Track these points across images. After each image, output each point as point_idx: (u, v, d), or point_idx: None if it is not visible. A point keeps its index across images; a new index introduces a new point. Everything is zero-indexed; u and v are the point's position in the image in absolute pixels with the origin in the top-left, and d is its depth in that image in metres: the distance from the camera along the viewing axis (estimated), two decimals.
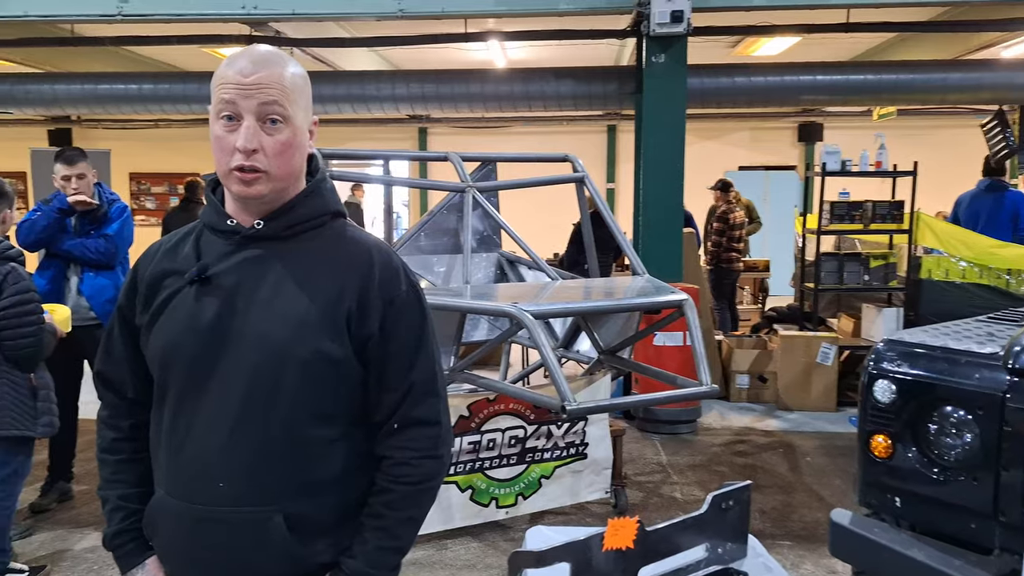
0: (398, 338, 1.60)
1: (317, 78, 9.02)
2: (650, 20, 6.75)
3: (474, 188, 4.75)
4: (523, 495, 4.62)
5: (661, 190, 7.16)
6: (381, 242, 1.68)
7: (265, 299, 1.55)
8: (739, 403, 7.59)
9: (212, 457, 1.55)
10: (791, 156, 16.07)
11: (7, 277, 3.71)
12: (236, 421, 1.53)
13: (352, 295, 1.56)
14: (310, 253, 1.60)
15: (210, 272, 1.57)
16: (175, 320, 1.59)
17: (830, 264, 7.66)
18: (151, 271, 1.66)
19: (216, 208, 1.63)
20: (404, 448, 1.61)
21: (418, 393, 1.61)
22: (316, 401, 1.55)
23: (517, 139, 15.70)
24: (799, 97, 9.02)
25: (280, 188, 1.57)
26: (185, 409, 1.58)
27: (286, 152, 1.54)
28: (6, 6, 7.31)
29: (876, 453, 2.83)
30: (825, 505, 5.07)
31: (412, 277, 1.66)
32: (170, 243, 1.69)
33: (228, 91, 1.51)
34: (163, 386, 1.62)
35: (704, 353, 3.89)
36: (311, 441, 1.56)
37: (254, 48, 1.58)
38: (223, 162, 1.53)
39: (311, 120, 1.63)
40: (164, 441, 1.61)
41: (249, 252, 1.59)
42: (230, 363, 1.54)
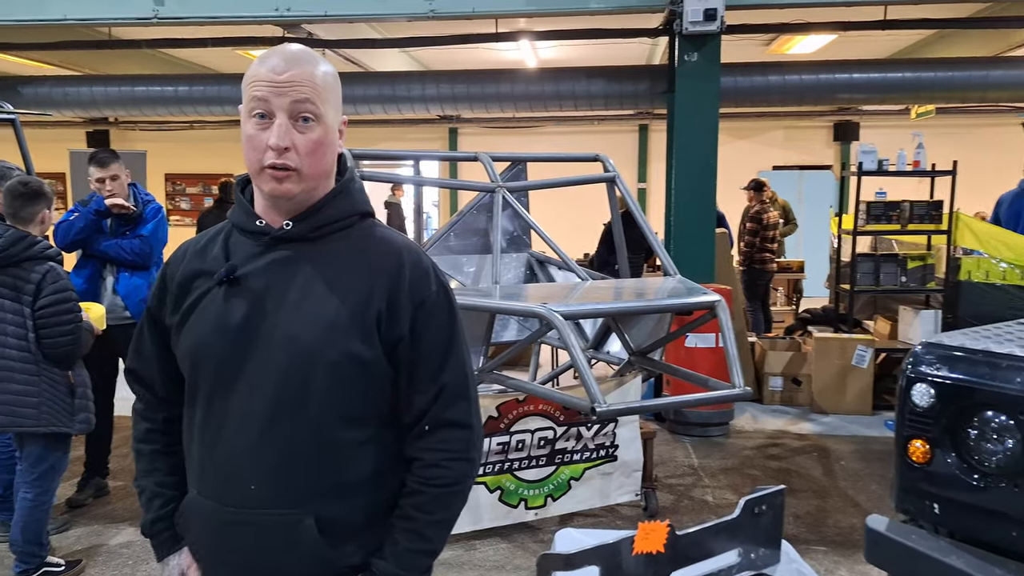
0: (428, 339, 1.58)
1: (348, 79, 9.07)
2: (683, 18, 6.70)
3: (504, 188, 4.73)
4: (552, 496, 4.59)
5: (693, 190, 7.10)
6: (411, 242, 1.66)
7: (294, 301, 1.54)
8: (772, 406, 7.49)
9: (242, 459, 1.55)
10: (826, 156, 15.88)
11: (46, 276, 3.79)
12: (265, 423, 1.53)
13: (382, 296, 1.55)
14: (339, 254, 1.59)
15: (239, 273, 1.57)
16: (204, 321, 1.59)
17: (866, 265, 7.54)
18: (181, 272, 1.66)
19: (245, 209, 1.62)
20: (435, 450, 1.59)
21: (449, 395, 1.60)
22: (345, 403, 1.54)
23: (548, 139, 15.67)
24: (834, 96, 8.90)
25: (311, 187, 1.56)
26: (215, 410, 1.58)
27: (318, 150, 1.54)
28: (46, 10, 7.44)
29: (914, 458, 2.76)
30: (860, 510, 4.99)
31: (442, 278, 1.64)
32: (199, 244, 1.68)
33: (260, 89, 1.51)
34: (194, 386, 1.62)
35: (737, 355, 3.84)
36: (341, 443, 1.55)
37: (286, 47, 1.57)
38: (255, 160, 1.53)
39: (341, 119, 1.62)
40: (197, 440, 1.62)
41: (278, 253, 1.58)
42: (259, 365, 1.53)
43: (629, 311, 4.22)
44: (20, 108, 8.87)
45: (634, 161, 16.13)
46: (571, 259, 4.91)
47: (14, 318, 3.80)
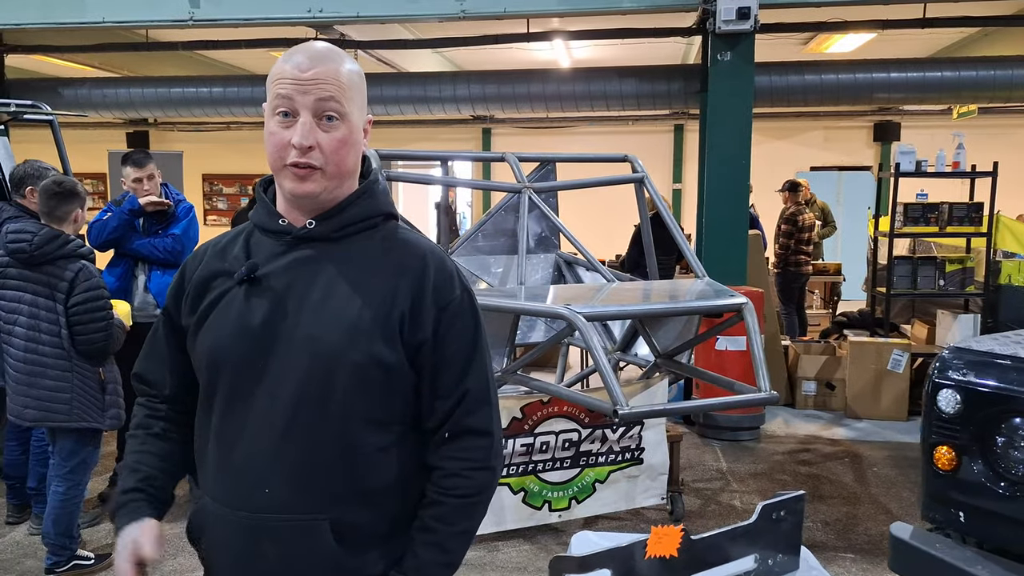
0: (451, 344, 1.56)
1: (380, 80, 9.14)
2: (716, 17, 6.64)
3: (530, 189, 4.72)
4: (576, 499, 4.57)
5: (726, 191, 7.02)
6: (435, 245, 1.64)
7: (316, 301, 1.52)
8: (805, 410, 7.39)
9: (261, 463, 1.51)
10: (866, 156, 15.62)
11: (78, 274, 3.88)
12: (286, 426, 1.50)
13: (405, 299, 1.53)
14: (362, 255, 1.56)
15: (260, 272, 1.55)
16: (224, 321, 1.56)
17: (903, 268, 7.41)
18: (200, 272, 1.63)
19: (267, 208, 1.60)
20: (456, 459, 1.56)
21: (471, 401, 1.57)
22: (368, 406, 1.51)
23: (581, 139, 15.60)
24: (872, 96, 8.76)
25: (334, 187, 1.54)
26: (234, 413, 1.54)
27: (342, 150, 1.52)
28: (85, 12, 7.58)
29: (940, 465, 2.70)
30: (892, 518, 4.89)
31: (466, 282, 1.62)
32: (220, 244, 1.66)
33: (285, 86, 1.49)
34: (211, 389, 1.58)
35: (763, 358, 3.79)
36: (363, 447, 1.52)
37: (311, 44, 1.55)
38: (277, 158, 1.51)
39: (366, 118, 1.60)
40: (212, 445, 1.58)
41: (300, 253, 1.55)
42: (280, 366, 1.51)
43: (654, 313, 4.18)
44: (60, 109, 9.05)
45: (669, 161, 16.00)
46: (597, 260, 4.87)
47: (47, 315, 3.90)
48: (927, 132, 13.69)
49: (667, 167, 15.94)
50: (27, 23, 7.85)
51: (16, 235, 3.91)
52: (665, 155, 15.93)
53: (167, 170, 8.51)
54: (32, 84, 9.53)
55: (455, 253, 5.41)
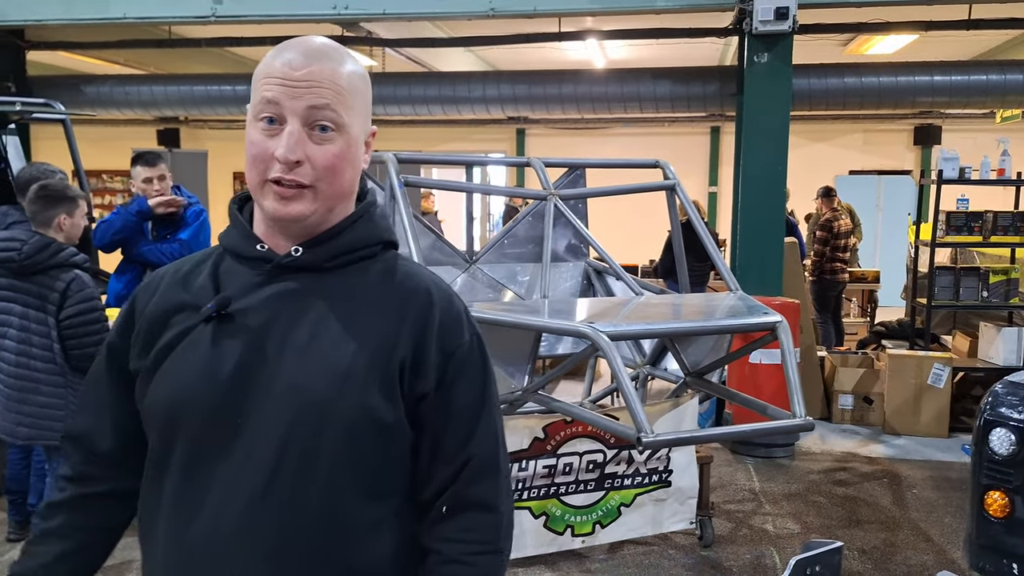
0: (457, 399, 1.32)
1: (409, 79, 8.98)
2: (752, 17, 6.42)
3: (556, 196, 4.53)
4: (601, 523, 4.37)
5: (761, 197, 6.80)
6: (439, 280, 1.40)
7: (302, 343, 1.27)
8: (842, 425, 7.12)
9: (228, 543, 1.25)
10: (907, 160, 15.25)
11: (71, 285, 3.68)
12: (260, 495, 1.24)
13: (407, 343, 1.29)
14: (357, 290, 1.32)
15: (233, 307, 1.29)
16: (187, 366, 1.29)
17: (945, 279, 7.12)
18: (156, 304, 1.35)
19: (243, 230, 1.35)
20: (456, 540, 1.31)
21: (476, 469, 1.32)
22: (362, 473, 1.27)
23: (616, 140, 15.39)
24: (914, 99, 8.45)
25: (325, 210, 1.30)
26: (194, 481, 1.27)
27: (337, 166, 1.28)
28: (108, 9, 7.52)
29: (991, 511, 2.48)
30: (933, 546, 4.65)
31: (475, 324, 1.38)
32: (181, 270, 1.38)
33: (272, 88, 1.25)
34: (164, 451, 1.30)
35: (798, 382, 3.55)
36: (353, 522, 1.27)
37: (307, 39, 1.30)
38: (257, 172, 1.27)
39: (369, 130, 1.36)
40: (165, 520, 1.30)
41: (282, 285, 1.30)
42: (255, 423, 1.25)
43: (681, 332, 3.97)
44: (82, 107, 9.02)
45: (705, 164, 15.74)
46: (623, 270, 4.67)
47: (39, 327, 3.70)
48: (969, 136, 13.30)
49: (703, 170, 15.69)
50: (49, 19, 7.80)
51: (5, 243, 3.71)
52: (701, 158, 15.67)
53: (191, 169, 8.44)
54: (54, 81, 9.49)
55: (482, 260, 5.25)
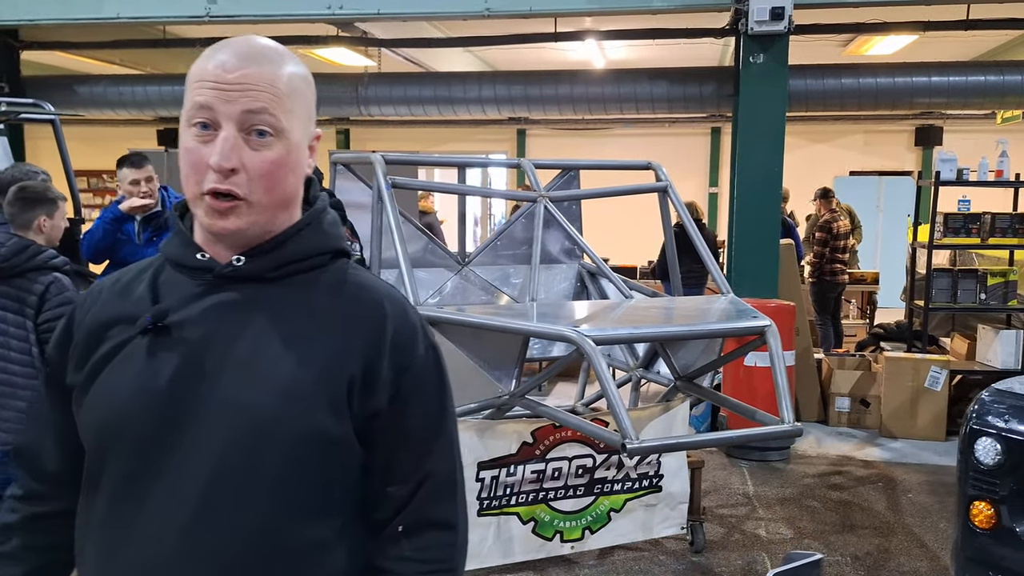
0: (412, 416, 1.27)
1: (404, 79, 8.95)
2: (748, 17, 6.38)
3: (546, 198, 4.49)
4: (590, 529, 4.33)
5: (757, 198, 6.75)
6: (393, 290, 1.34)
7: (243, 359, 1.21)
8: (838, 427, 7.07)
9: (159, 568, 1.18)
10: (907, 161, 15.19)
11: (49, 288, 3.62)
12: (196, 519, 1.18)
13: (357, 358, 1.23)
14: (303, 302, 1.26)
15: (170, 319, 1.23)
16: (121, 381, 1.23)
17: (942, 280, 7.07)
18: (93, 316, 1.30)
19: (183, 238, 1.28)
20: (411, 560, 1.26)
21: (433, 488, 1.28)
22: (306, 491, 1.21)
23: (616, 141, 15.34)
24: (912, 100, 8.40)
25: (264, 221, 1.24)
26: (127, 500, 1.21)
27: (275, 174, 1.21)
28: (101, 8, 7.50)
29: (977, 523, 2.43)
30: (927, 553, 4.60)
31: (431, 336, 1.32)
32: (120, 281, 1.33)
33: (204, 92, 1.19)
34: (98, 467, 1.24)
35: (787, 387, 3.52)
36: (297, 545, 1.21)
37: (244, 39, 1.24)
38: (192, 182, 1.20)
39: (313, 134, 1.29)
40: (95, 543, 1.24)
41: (224, 296, 1.24)
42: (191, 441, 1.19)
43: (668, 336, 3.93)
44: (76, 107, 8.99)
45: (705, 165, 15.70)
46: (611, 271, 4.63)
47: (17, 331, 3.63)
48: (971, 137, 13.24)
49: (703, 170, 15.65)
50: (43, 19, 7.77)
51: None
52: (701, 158, 15.63)
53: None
54: (48, 81, 9.45)
55: (475, 263, 5.21)
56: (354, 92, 8.83)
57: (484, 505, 4.06)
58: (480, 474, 4.02)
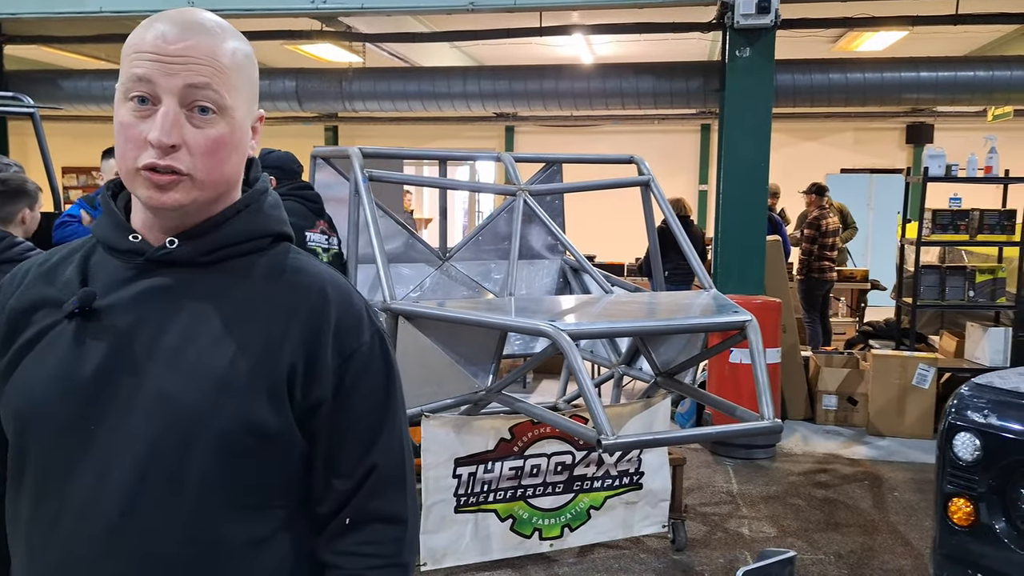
0: (357, 405, 1.22)
1: (388, 74, 8.87)
2: (734, 11, 6.31)
3: (525, 192, 4.42)
4: (570, 527, 4.26)
5: (743, 194, 6.69)
6: (336, 275, 1.28)
7: (173, 347, 1.15)
8: (825, 426, 7.02)
9: (84, 568, 1.13)
10: (898, 158, 15.16)
11: None
12: (119, 516, 1.11)
13: (297, 347, 1.18)
14: (240, 287, 1.20)
15: (98, 304, 1.16)
16: (43, 368, 1.17)
17: (930, 278, 7.02)
18: (16, 299, 1.22)
19: (115, 219, 1.22)
20: (357, 555, 1.22)
21: (380, 479, 1.23)
22: (240, 487, 1.15)
23: (606, 138, 15.28)
24: (900, 96, 8.34)
25: (206, 199, 1.18)
26: (50, 496, 1.15)
27: (218, 152, 1.16)
28: (84, 2, 7.41)
29: (955, 520, 2.37)
30: (912, 551, 4.54)
31: (377, 322, 1.27)
32: (47, 262, 1.25)
33: (143, 64, 1.12)
34: (20, 461, 1.18)
35: (767, 383, 3.46)
36: (230, 542, 1.15)
37: (184, 11, 1.17)
38: (128, 158, 1.14)
39: (256, 114, 1.25)
40: (22, 540, 1.18)
41: (155, 280, 1.18)
42: (117, 433, 1.13)
43: (646, 331, 3.85)
44: (59, 102, 8.89)
45: (695, 162, 15.66)
46: (591, 266, 4.57)
47: None
48: (962, 134, 13.21)
49: (693, 167, 15.60)
50: (26, 12, 7.68)
51: None
52: (691, 155, 15.58)
53: None
54: (31, 76, 9.37)
55: (455, 258, 5.15)
56: (339, 87, 8.76)
57: (461, 502, 3.99)
58: (457, 470, 3.95)
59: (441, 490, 3.91)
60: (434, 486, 3.87)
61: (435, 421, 3.89)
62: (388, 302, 3.72)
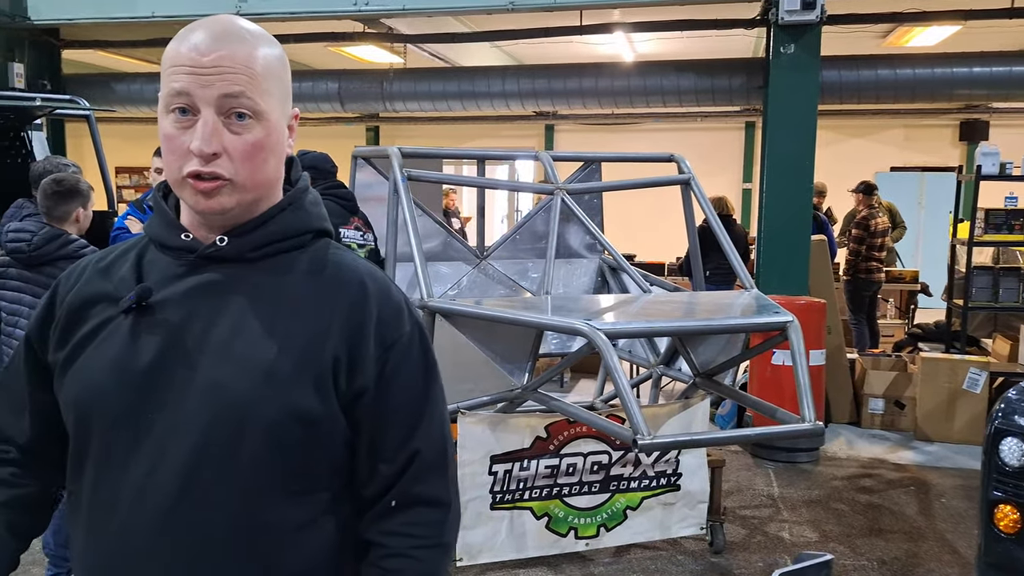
0: (398, 394, 1.27)
1: (428, 75, 8.90)
2: (779, 7, 6.21)
3: (563, 191, 4.39)
4: (606, 526, 4.23)
5: (787, 193, 6.59)
6: (374, 268, 1.35)
7: (223, 340, 1.21)
8: (871, 430, 6.88)
9: (141, 550, 1.19)
10: (951, 156, 14.79)
11: None
12: (174, 500, 1.18)
13: (341, 338, 1.23)
14: (285, 282, 1.26)
15: (153, 299, 1.23)
16: (102, 360, 1.23)
17: (983, 279, 6.85)
18: (75, 294, 1.30)
19: (167, 218, 1.29)
20: (401, 535, 1.27)
21: (422, 465, 1.28)
22: (287, 472, 1.21)
23: (647, 136, 15.13)
24: (952, 92, 8.14)
25: (249, 200, 1.24)
26: (108, 480, 1.22)
27: (257, 156, 1.22)
28: (136, 8, 7.58)
29: (1001, 527, 2.30)
30: (959, 559, 4.43)
31: (415, 313, 1.32)
32: (104, 260, 1.33)
33: (180, 78, 1.17)
34: (81, 450, 1.25)
35: (809, 384, 3.39)
36: (280, 526, 1.21)
37: (216, 19, 1.23)
38: (174, 167, 1.20)
39: (290, 113, 1.30)
40: (83, 519, 1.25)
41: (205, 276, 1.25)
42: (170, 422, 1.19)
43: (684, 331, 3.80)
44: (112, 104, 9.07)
45: (739, 160, 15.46)
46: (629, 265, 4.52)
47: None
48: (1018, 132, 12.87)
49: (737, 166, 15.41)
50: (81, 17, 7.90)
51: (15, 234, 3.74)
52: (735, 153, 15.39)
53: None
54: (86, 80, 9.59)
55: (492, 257, 5.14)
56: (380, 88, 8.81)
57: (497, 499, 3.99)
58: (493, 468, 3.95)
59: (477, 487, 3.91)
60: (470, 483, 3.87)
61: (471, 418, 3.88)
62: (425, 300, 3.73)
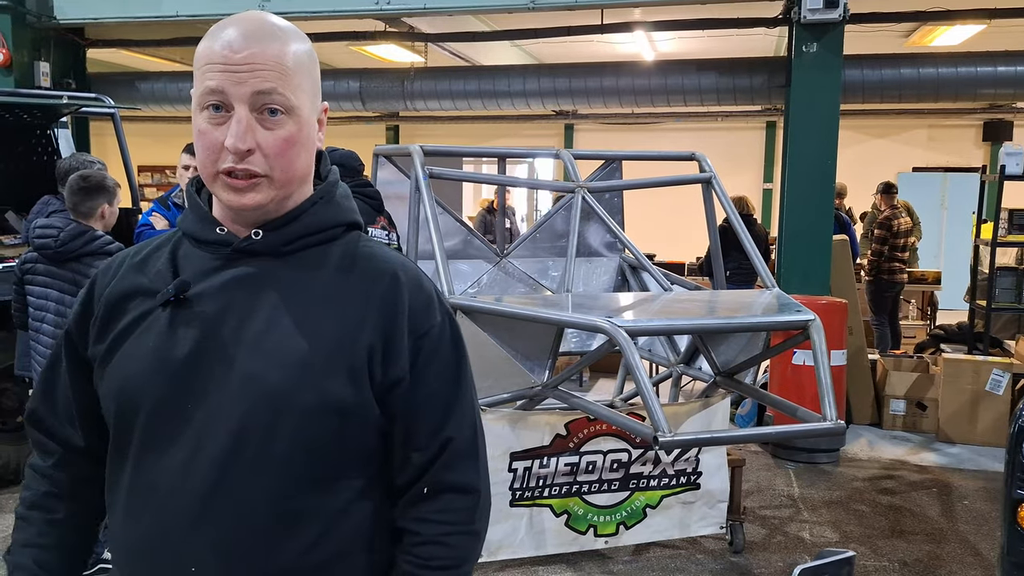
0: (430, 383, 1.30)
1: (449, 74, 8.91)
2: (801, 6, 6.19)
3: (584, 189, 4.40)
4: (625, 524, 4.23)
5: (809, 192, 6.56)
6: (407, 261, 1.36)
7: (258, 331, 1.24)
8: (892, 431, 6.83)
9: (179, 534, 1.22)
10: (974, 157, 14.66)
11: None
12: (211, 487, 1.21)
13: (375, 328, 1.26)
14: (318, 275, 1.29)
15: (190, 292, 1.26)
16: (140, 352, 1.26)
17: (1007, 280, 6.81)
18: (112, 288, 1.32)
19: (201, 213, 1.31)
20: (433, 522, 1.30)
21: (454, 453, 1.31)
22: (322, 461, 1.24)
23: (668, 136, 15.09)
24: (976, 91, 8.06)
25: (283, 195, 1.27)
26: (147, 468, 1.25)
27: (289, 151, 1.24)
28: (160, 7, 7.65)
29: None
30: (981, 561, 4.40)
31: (446, 304, 1.35)
32: (140, 254, 1.35)
33: (214, 76, 1.20)
34: (121, 437, 1.28)
35: (830, 384, 3.38)
36: (314, 513, 1.24)
37: (247, 16, 1.25)
38: (208, 163, 1.23)
39: (320, 108, 1.32)
40: (121, 512, 1.28)
41: (240, 270, 1.27)
42: (209, 411, 1.22)
43: (705, 329, 3.80)
44: (138, 103, 9.16)
45: (760, 160, 15.39)
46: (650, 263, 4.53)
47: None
48: None
49: (758, 166, 15.35)
50: (106, 17, 7.98)
51: (42, 230, 3.80)
52: (756, 153, 15.33)
53: None
54: (111, 78, 9.68)
55: (513, 255, 5.16)
56: (401, 87, 8.84)
57: (516, 496, 4.00)
58: (512, 464, 3.96)
59: (496, 483, 3.90)
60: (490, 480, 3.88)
61: (491, 415, 3.90)
62: (446, 297, 3.74)
